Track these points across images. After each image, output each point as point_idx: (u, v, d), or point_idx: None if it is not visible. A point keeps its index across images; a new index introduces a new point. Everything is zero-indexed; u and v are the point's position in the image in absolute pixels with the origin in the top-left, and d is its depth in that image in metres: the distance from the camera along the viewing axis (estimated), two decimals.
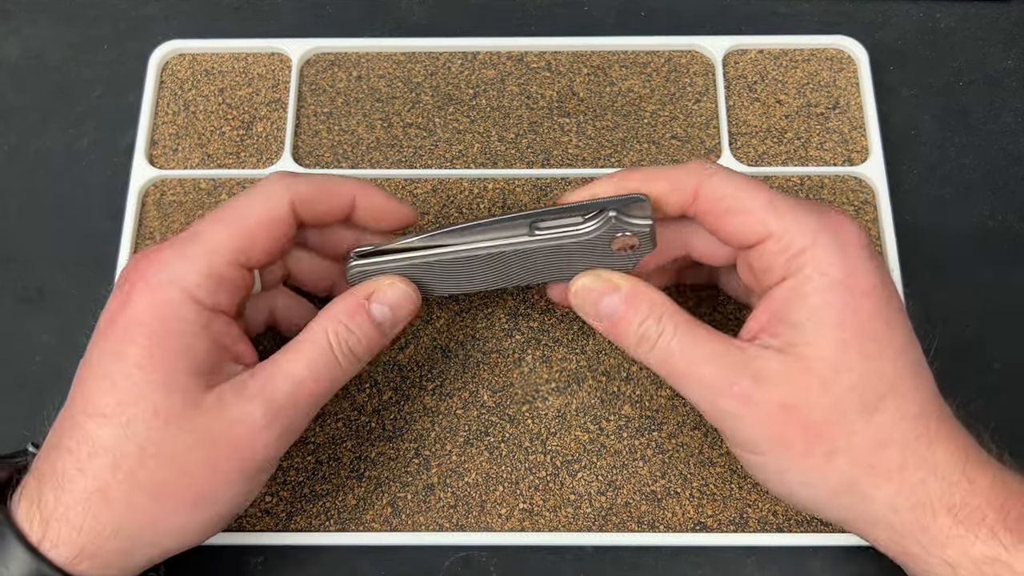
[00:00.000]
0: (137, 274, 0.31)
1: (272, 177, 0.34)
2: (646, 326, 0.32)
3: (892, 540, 0.30)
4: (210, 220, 0.32)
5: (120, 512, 0.29)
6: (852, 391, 0.30)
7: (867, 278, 0.31)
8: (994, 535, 0.29)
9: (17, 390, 0.41)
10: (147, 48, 0.47)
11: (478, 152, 0.44)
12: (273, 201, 0.33)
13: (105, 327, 0.31)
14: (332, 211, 0.35)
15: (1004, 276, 0.43)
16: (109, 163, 0.45)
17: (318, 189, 0.34)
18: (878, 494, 0.30)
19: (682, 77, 0.46)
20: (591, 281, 0.34)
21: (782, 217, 0.31)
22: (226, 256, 0.32)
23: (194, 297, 0.31)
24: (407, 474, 0.38)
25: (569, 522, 0.38)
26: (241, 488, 0.31)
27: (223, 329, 0.32)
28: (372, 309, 0.33)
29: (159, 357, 0.30)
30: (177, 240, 0.32)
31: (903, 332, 0.31)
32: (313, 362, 0.32)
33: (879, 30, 0.48)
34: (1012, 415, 0.39)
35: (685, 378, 0.32)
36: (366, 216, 0.35)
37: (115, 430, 0.29)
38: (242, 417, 0.30)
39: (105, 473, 0.29)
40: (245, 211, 0.32)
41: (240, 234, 0.32)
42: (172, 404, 0.30)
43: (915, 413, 0.30)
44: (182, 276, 0.31)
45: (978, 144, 0.45)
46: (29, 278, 0.43)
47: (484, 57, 0.47)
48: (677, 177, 0.33)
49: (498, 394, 0.40)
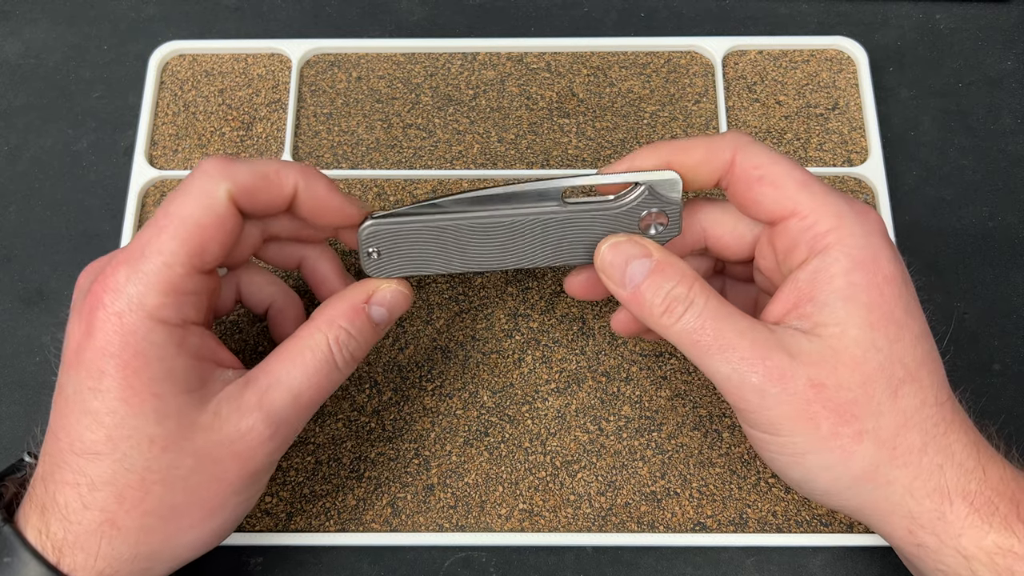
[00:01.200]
0: (95, 300, 0.29)
1: (204, 166, 0.31)
2: (676, 292, 0.31)
3: (907, 530, 0.30)
4: (154, 230, 0.30)
5: (134, 538, 0.29)
6: (880, 372, 0.30)
7: (889, 265, 0.31)
8: (1007, 526, 0.29)
9: (17, 390, 0.41)
10: (147, 49, 0.47)
11: (478, 153, 0.45)
12: (213, 197, 0.30)
13: (71, 358, 0.30)
14: (274, 201, 0.32)
15: (1004, 276, 0.43)
16: (109, 163, 0.45)
17: (257, 176, 0.31)
18: (898, 478, 0.30)
19: (682, 78, 0.46)
20: (625, 240, 0.33)
21: (813, 195, 0.31)
22: (181, 267, 0.30)
23: (160, 319, 0.29)
24: (407, 474, 0.38)
25: (569, 522, 0.38)
26: (247, 492, 0.31)
27: (199, 341, 0.31)
28: (372, 312, 0.33)
29: (141, 388, 0.29)
30: (127, 257, 0.30)
31: (921, 320, 0.31)
32: (314, 371, 0.31)
33: (879, 31, 0.48)
34: (1012, 415, 0.39)
35: (714, 350, 0.30)
36: (306, 207, 0.33)
37: (111, 464, 0.29)
38: (243, 431, 0.30)
39: (111, 504, 0.29)
40: (186, 213, 0.30)
41: (189, 240, 0.30)
42: (167, 431, 0.29)
43: (933, 400, 0.30)
44: (141, 300, 0.29)
45: (978, 145, 0.45)
46: (29, 278, 0.43)
47: (484, 58, 0.47)
48: (715, 144, 0.33)
49: (498, 395, 0.40)
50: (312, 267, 0.36)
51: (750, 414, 0.31)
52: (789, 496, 0.38)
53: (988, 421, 0.33)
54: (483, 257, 0.34)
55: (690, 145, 0.33)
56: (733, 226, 0.34)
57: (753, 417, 0.31)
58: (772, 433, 0.31)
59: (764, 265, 0.34)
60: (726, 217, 0.34)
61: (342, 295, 0.33)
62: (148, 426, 0.29)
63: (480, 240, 0.33)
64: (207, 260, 0.31)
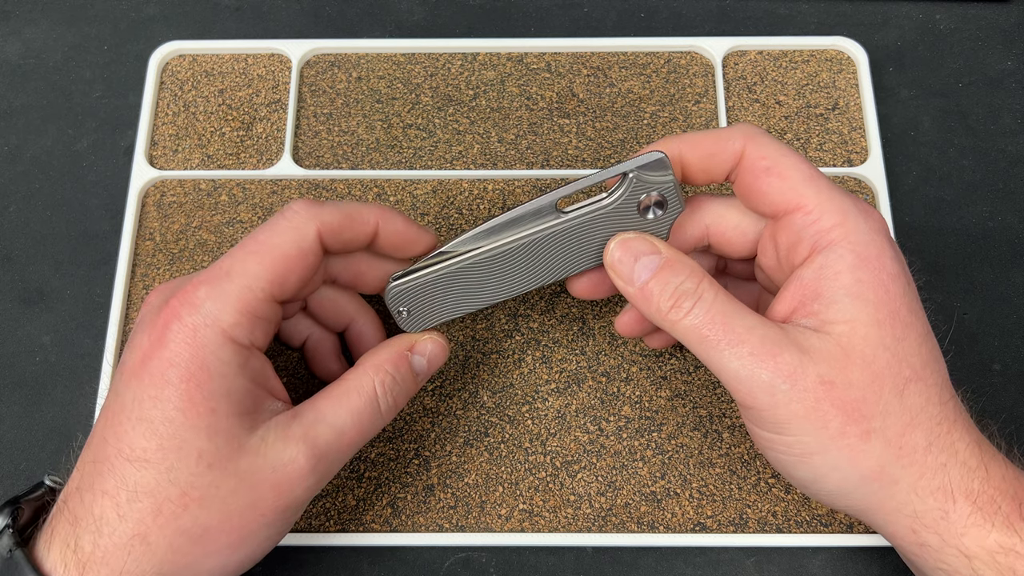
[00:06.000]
0: (171, 313, 0.30)
1: (295, 207, 0.33)
2: (685, 287, 0.31)
3: (910, 529, 0.30)
4: (241, 254, 0.32)
5: (161, 556, 0.29)
6: (888, 370, 0.30)
7: (893, 263, 0.31)
8: (1009, 524, 0.29)
9: (17, 390, 0.41)
10: (147, 49, 0.47)
11: (478, 153, 0.45)
12: (302, 232, 0.32)
13: (137, 367, 0.30)
14: (357, 238, 0.34)
15: (1004, 276, 0.43)
16: (109, 164, 0.45)
17: (343, 216, 0.33)
18: (903, 477, 0.30)
19: (682, 78, 0.46)
20: (634, 238, 0.33)
21: (819, 190, 0.31)
22: (261, 292, 0.31)
23: (231, 337, 0.30)
24: (407, 475, 0.38)
25: (569, 523, 0.38)
26: (276, 528, 0.31)
27: (259, 367, 0.32)
28: (413, 361, 0.34)
29: (200, 401, 0.29)
30: (210, 277, 0.31)
31: (924, 320, 0.31)
32: (359, 412, 0.32)
33: (878, 31, 0.48)
34: (1012, 415, 0.39)
35: (724, 345, 0.30)
36: (387, 242, 0.35)
37: (157, 475, 0.29)
38: (286, 461, 0.30)
39: (147, 518, 0.29)
40: (275, 243, 0.32)
41: (273, 267, 0.31)
42: (216, 448, 0.29)
43: (937, 400, 0.30)
44: (218, 316, 0.30)
45: (977, 145, 0.45)
46: (29, 278, 0.43)
47: (484, 58, 0.47)
48: (724, 136, 0.33)
49: (498, 395, 0.40)
50: (359, 330, 0.38)
51: (758, 412, 0.31)
52: (789, 496, 0.38)
53: (989, 420, 0.33)
54: (504, 286, 0.35)
55: (699, 138, 0.33)
56: (736, 222, 0.34)
57: (761, 415, 0.31)
58: (779, 432, 0.30)
59: (766, 262, 0.34)
60: (729, 213, 0.34)
61: (387, 343, 0.35)
62: (199, 440, 0.29)
63: (496, 272, 0.34)
64: (286, 290, 0.32)
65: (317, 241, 0.32)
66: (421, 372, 0.35)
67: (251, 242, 0.32)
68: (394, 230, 0.35)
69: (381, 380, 0.33)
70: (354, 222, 0.34)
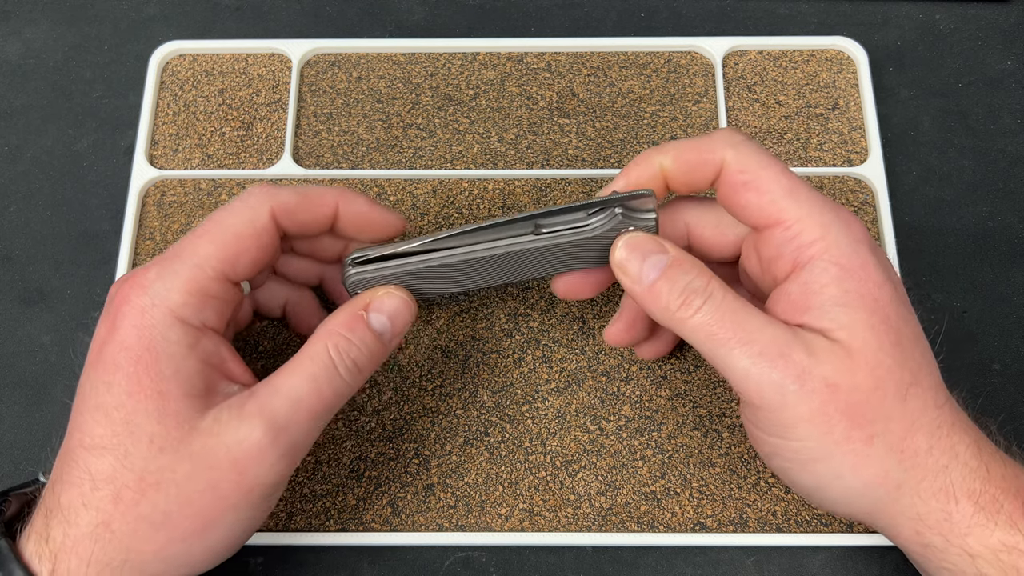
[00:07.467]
0: (121, 298, 0.31)
1: (252, 188, 0.33)
2: (695, 285, 0.31)
3: (914, 531, 0.30)
4: (193, 235, 0.32)
5: (126, 543, 0.29)
6: (890, 374, 0.30)
7: (878, 272, 0.31)
8: (1012, 523, 0.29)
9: (17, 390, 0.41)
10: (147, 49, 0.47)
11: (478, 153, 0.45)
12: (257, 212, 0.32)
13: (94, 356, 0.31)
14: (316, 220, 0.34)
15: (1004, 276, 0.43)
16: (109, 163, 0.45)
17: (299, 197, 0.33)
18: (906, 480, 0.30)
19: (682, 78, 0.46)
20: (642, 237, 0.33)
21: (799, 205, 0.31)
22: (211, 270, 0.31)
23: (179, 316, 0.30)
24: (407, 474, 0.38)
25: (569, 522, 0.38)
26: (246, 513, 0.31)
27: (212, 348, 0.31)
28: (371, 319, 0.33)
29: (148, 384, 0.29)
30: (162, 259, 0.31)
31: (916, 325, 0.31)
32: (314, 377, 0.31)
33: (878, 31, 0.48)
34: (1012, 414, 0.39)
35: (733, 343, 0.30)
36: (350, 225, 0.35)
37: (114, 461, 0.29)
38: (241, 438, 0.30)
39: (108, 505, 0.29)
40: (229, 223, 0.32)
41: (225, 247, 0.31)
42: (167, 431, 0.29)
43: (934, 403, 0.30)
44: (165, 296, 0.30)
45: (977, 145, 0.45)
46: (29, 278, 0.43)
47: (484, 58, 0.47)
48: (705, 147, 0.32)
49: (498, 394, 0.40)
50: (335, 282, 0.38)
51: (765, 413, 0.30)
52: (789, 496, 0.38)
53: (988, 419, 0.33)
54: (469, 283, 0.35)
55: (681, 150, 0.33)
56: (716, 224, 0.34)
57: (767, 417, 0.30)
58: (784, 437, 0.30)
59: (750, 268, 0.34)
60: (709, 215, 0.34)
61: (342, 307, 0.34)
62: (150, 424, 0.29)
63: (461, 273, 0.34)
64: (239, 270, 0.32)
65: (271, 220, 0.33)
66: (385, 331, 0.33)
67: (206, 223, 0.32)
68: (356, 211, 0.35)
69: (335, 344, 0.32)
70: (311, 202, 0.34)
